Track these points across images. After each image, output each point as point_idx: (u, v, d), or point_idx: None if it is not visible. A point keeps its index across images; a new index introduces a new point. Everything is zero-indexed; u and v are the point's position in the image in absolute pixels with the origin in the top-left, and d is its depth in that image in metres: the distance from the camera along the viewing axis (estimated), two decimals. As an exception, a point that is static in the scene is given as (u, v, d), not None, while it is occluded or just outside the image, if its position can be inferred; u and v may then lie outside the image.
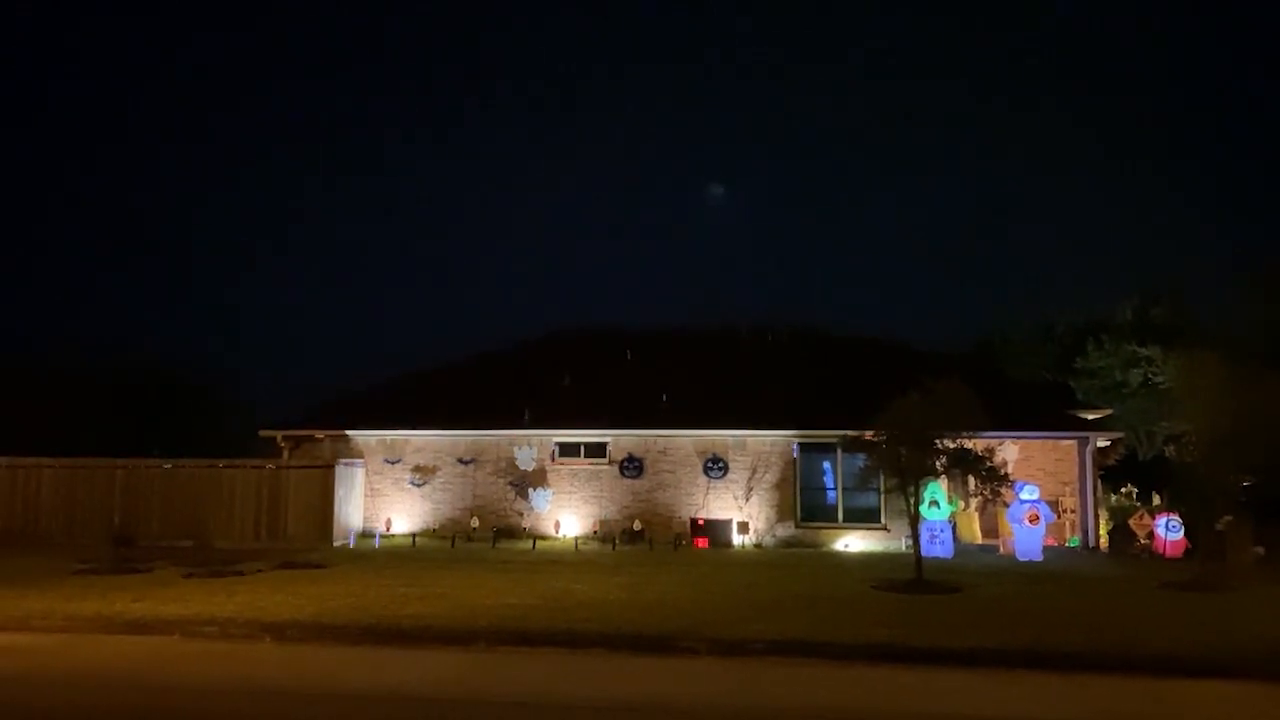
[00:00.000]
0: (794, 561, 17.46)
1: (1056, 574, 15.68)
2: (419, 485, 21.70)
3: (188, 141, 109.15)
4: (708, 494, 20.94)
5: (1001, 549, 19.05)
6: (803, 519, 20.61)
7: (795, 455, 20.78)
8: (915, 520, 14.78)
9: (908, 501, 14.67)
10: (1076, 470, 20.57)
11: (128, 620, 10.86)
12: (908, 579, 13.84)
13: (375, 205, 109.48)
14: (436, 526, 21.34)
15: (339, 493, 20.20)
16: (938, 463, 14.55)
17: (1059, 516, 20.19)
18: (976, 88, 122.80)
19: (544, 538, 20.65)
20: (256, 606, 11.60)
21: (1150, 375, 26.78)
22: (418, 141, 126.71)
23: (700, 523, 20.35)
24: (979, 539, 20.35)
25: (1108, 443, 21.44)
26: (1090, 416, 21.63)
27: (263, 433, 22.23)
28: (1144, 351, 27.20)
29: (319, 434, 22.05)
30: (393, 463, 21.85)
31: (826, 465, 20.80)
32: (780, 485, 20.76)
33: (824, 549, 19.74)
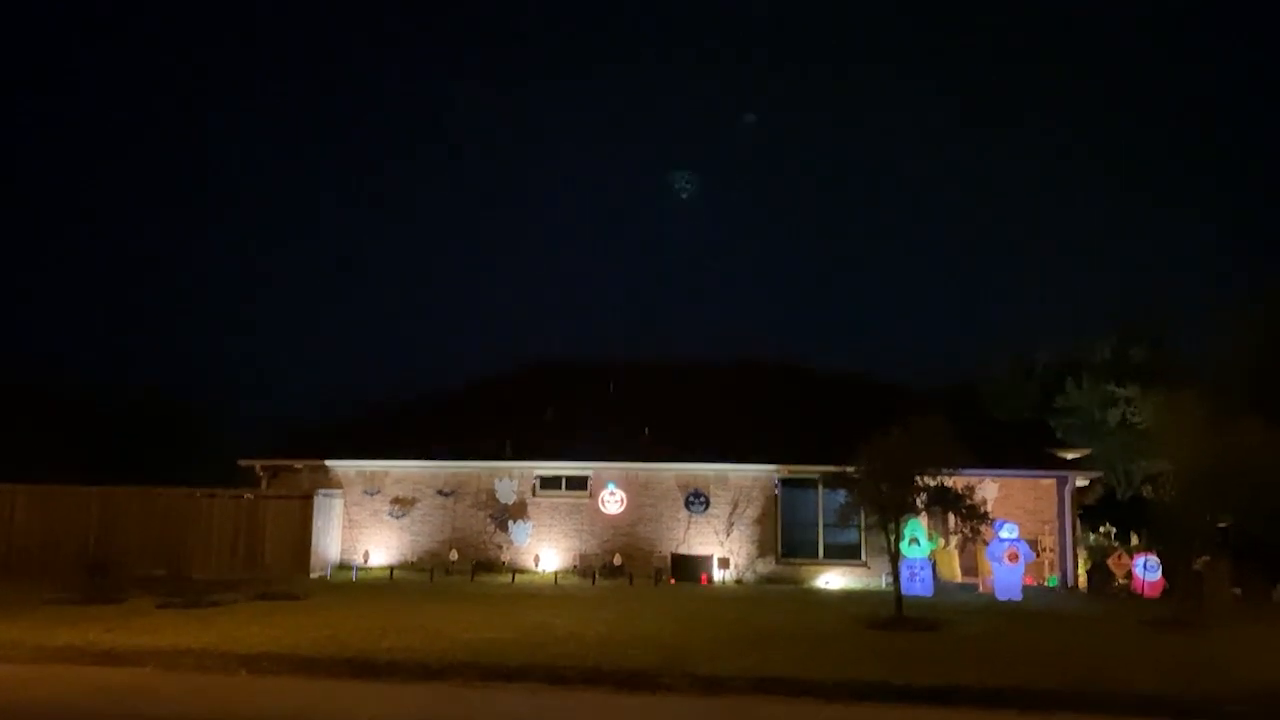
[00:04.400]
0: (775, 598, 17.42)
1: (1035, 613, 15.71)
2: (398, 517, 21.52)
3: (173, 171, 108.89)
4: (689, 529, 20.88)
5: (981, 587, 19.07)
6: (784, 555, 20.57)
7: (777, 490, 20.78)
8: (896, 557, 14.79)
9: (888, 538, 14.68)
10: (1055, 509, 20.67)
11: (100, 650, 10.70)
12: (888, 616, 13.82)
13: (358, 236, 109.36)
14: (415, 559, 21.14)
15: (317, 524, 20.01)
16: (918, 500, 14.60)
17: (1038, 555, 20.23)
18: (959, 121, 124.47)
19: (523, 571, 20.51)
20: (232, 638, 11.45)
21: (1128, 415, 26.99)
22: (396, 173, 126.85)
23: (681, 558, 20.28)
24: (959, 577, 20.35)
25: (1086, 482, 21.56)
26: (1069, 455, 21.76)
27: (241, 462, 22.03)
28: (1122, 391, 27.43)
29: (297, 464, 21.86)
30: (371, 494, 21.68)
31: (808, 501, 20.79)
32: (761, 520, 20.74)
33: (805, 585, 19.69)
